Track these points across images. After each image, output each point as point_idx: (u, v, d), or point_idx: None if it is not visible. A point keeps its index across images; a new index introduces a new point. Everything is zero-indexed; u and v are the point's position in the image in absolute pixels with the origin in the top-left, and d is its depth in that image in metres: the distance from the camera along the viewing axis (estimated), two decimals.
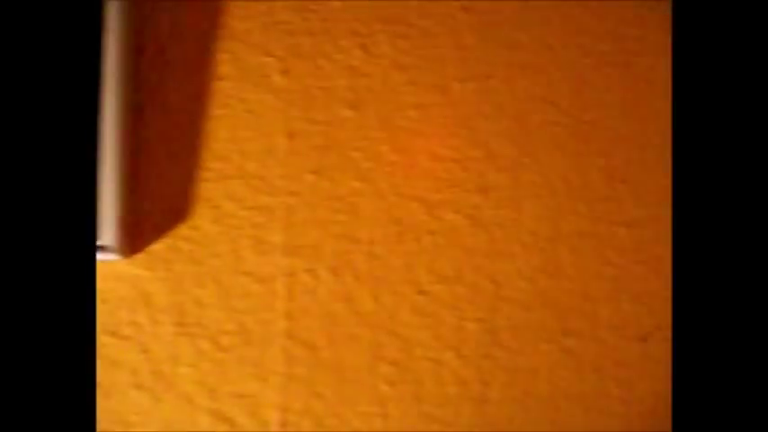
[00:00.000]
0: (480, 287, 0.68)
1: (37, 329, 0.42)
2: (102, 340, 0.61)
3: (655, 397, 0.73)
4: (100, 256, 0.59)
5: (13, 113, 0.43)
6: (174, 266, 0.62)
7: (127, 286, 0.62)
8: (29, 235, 0.43)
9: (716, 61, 0.51)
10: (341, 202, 0.65)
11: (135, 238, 0.63)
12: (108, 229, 0.57)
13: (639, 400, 0.72)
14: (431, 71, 0.71)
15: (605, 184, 0.76)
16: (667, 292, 0.76)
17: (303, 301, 0.62)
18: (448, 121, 0.71)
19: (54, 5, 0.45)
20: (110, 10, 0.59)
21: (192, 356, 0.61)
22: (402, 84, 0.70)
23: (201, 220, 0.63)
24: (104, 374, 0.61)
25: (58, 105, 0.44)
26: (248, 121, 0.64)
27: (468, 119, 0.72)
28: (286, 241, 0.63)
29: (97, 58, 0.52)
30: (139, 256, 0.63)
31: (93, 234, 0.55)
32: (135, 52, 0.65)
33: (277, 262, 0.62)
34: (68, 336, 0.43)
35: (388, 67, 0.70)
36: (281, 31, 0.67)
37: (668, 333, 0.75)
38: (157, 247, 0.63)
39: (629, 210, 0.77)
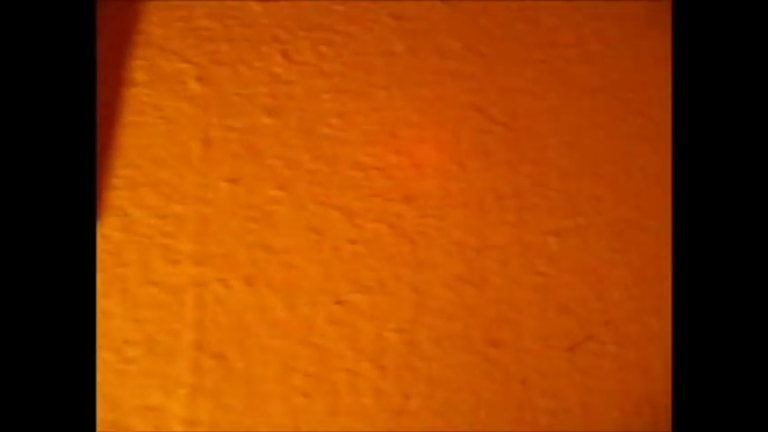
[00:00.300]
0: (401, 297, 0.67)
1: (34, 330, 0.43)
2: None
3: (582, 408, 0.72)
4: None
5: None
6: None
7: None
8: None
9: (716, 62, 0.51)
10: (257, 211, 0.64)
11: None
12: None
13: (566, 411, 0.71)
14: (355, 78, 0.70)
15: (535, 192, 0.76)
16: (597, 302, 0.75)
17: (214, 312, 0.61)
18: (372, 128, 0.70)
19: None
20: None
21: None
22: (325, 91, 0.69)
23: (110, 229, 0.62)
24: None
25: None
26: (162, 128, 0.63)
27: (393, 126, 0.71)
28: (197, 250, 0.61)
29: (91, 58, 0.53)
30: None
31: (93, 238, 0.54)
32: None
33: (187, 271, 0.61)
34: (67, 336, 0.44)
35: (310, 74, 0.69)
36: (199, 38, 0.66)
37: (597, 344, 0.74)
38: None
39: (560, 219, 0.76)
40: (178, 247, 0.62)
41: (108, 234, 0.62)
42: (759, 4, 0.51)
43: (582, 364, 0.74)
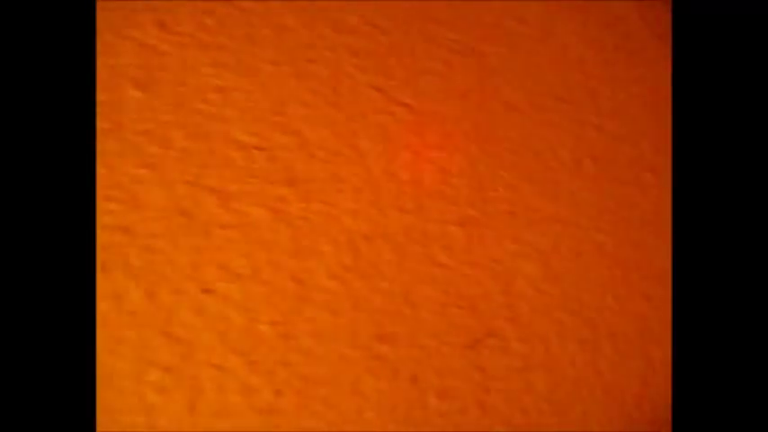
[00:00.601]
0: (279, 287, 0.62)
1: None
2: None
3: (480, 409, 0.67)
4: None
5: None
6: None
7: None
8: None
9: (716, 62, 0.50)
10: (116, 190, 0.59)
11: None
12: None
13: (461, 412, 0.66)
14: (240, 52, 0.66)
15: (438, 178, 0.71)
16: (501, 297, 0.70)
17: None
18: (255, 105, 0.65)
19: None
20: None
21: None
22: (204, 65, 0.64)
23: None
24: None
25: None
26: None
27: (279, 104, 0.66)
28: None
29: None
30: None
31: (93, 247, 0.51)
32: None
33: None
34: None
35: (188, 45, 0.64)
36: None
37: (499, 341, 0.69)
38: None
39: (465, 207, 0.71)
40: None
41: None
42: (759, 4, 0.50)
43: (481, 362, 0.69)
